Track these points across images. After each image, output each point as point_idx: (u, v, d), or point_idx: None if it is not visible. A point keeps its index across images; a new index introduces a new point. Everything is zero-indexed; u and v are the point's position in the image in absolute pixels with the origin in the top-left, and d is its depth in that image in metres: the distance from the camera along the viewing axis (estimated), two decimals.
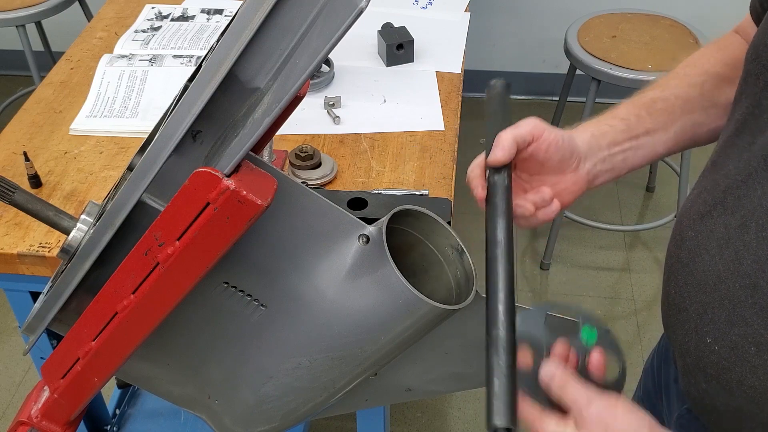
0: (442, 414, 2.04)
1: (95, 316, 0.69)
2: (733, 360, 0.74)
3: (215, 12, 1.77)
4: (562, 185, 0.83)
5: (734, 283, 0.72)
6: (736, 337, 0.73)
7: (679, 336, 0.82)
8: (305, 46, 0.59)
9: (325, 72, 1.54)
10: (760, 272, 0.69)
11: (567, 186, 0.83)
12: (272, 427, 0.84)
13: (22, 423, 0.79)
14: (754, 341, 0.71)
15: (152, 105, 1.46)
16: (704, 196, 0.78)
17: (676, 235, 0.82)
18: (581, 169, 0.83)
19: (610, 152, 0.85)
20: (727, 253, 0.73)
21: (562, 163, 0.81)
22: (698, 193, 0.80)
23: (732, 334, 0.73)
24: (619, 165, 0.86)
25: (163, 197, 0.64)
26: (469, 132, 2.82)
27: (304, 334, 0.74)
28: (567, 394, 0.65)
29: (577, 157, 0.82)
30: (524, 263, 2.52)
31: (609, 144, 0.85)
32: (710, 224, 0.76)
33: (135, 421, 1.73)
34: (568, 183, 0.83)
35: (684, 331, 0.81)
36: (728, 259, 0.73)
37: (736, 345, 0.73)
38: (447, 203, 1.15)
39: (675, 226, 0.84)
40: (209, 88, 0.60)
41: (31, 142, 1.39)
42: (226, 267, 0.68)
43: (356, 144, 1.39)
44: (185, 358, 0.80)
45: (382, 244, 0.69)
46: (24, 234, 1.19)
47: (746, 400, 0.75)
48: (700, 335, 0.77)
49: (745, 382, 0.74)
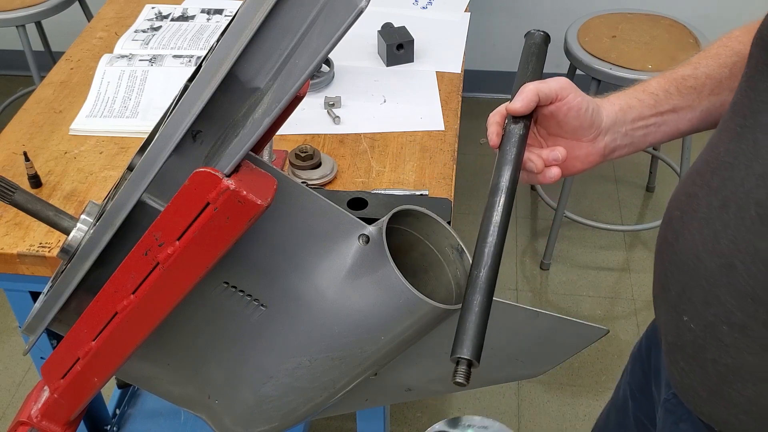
0: (442, 414, 2.04)
1: (95, 316, 0.69)
2: (708, 339, 0.75)
3: (215, 12, 1.77)
4: (575, 153, 0.82)
5: (711, 263, 0.72)
6: (711, 317, 0.74)
7: (662, 315, 0.83)
8: (305, 46, 0.59)
9: (325, 72, 1.54)
10: (736, 252, 0.70)
11: (579, 155, 0.83)
12: (272, 427, 0.84)
13: (22, 423, 0.79)
14: (726, 321, 0.72)
15: (152, 105, 1.46)
16: (693, 177, 0.79)
17: (666, 215, 0.83)
18: (599, 142, 0.83)
19: (633, 126, 0.84)
20: (706, 232, 0.73)
21: (579, 131, 0.81)
22: (689, 174, 0.81)
23: (707, 314, 0.74)
24: (639, 140, 0.85)
25: (163, 197, 0.64)
26: (469, 132, 2.83)
27: (304, 334, 0.74)
28: None
29: (596, 130, 0.82)
30: (524, 263, 2.52)
31: (634, 119, 0.84)
32: (695, 204, 0.76)
33: (135, 421, 1.73)
34: (582, 152, 0.82)
35: (665, 310, 0.82)
36: (707, 239, 0.73)
37: (711, 324, 0.74)
38: (447, 203, 1.15)
39: (666, 207, 0.84)
40: (209, 88, 0.60)
41: (31, 142, 1.39)
42: (226, 267, 0.68)
43: (356, 144, 1.39)
44: (185, 358, 0.80)
45: (382, 244, 0.69)
46: (24, 234, 1.19)
47: (720, 379, 0.76)
48: (678, 314, 0.78)
49: (719, 360, 0.75)
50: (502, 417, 2.02)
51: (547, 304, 2.39)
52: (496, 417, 2.01)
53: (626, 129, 0.84)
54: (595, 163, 0.84)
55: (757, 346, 0.72)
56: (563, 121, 0.80)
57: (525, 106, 0.77)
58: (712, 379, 0.77)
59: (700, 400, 0.82)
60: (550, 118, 0.81)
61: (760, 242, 0.68)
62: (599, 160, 0.84)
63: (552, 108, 0.79)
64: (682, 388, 0.84)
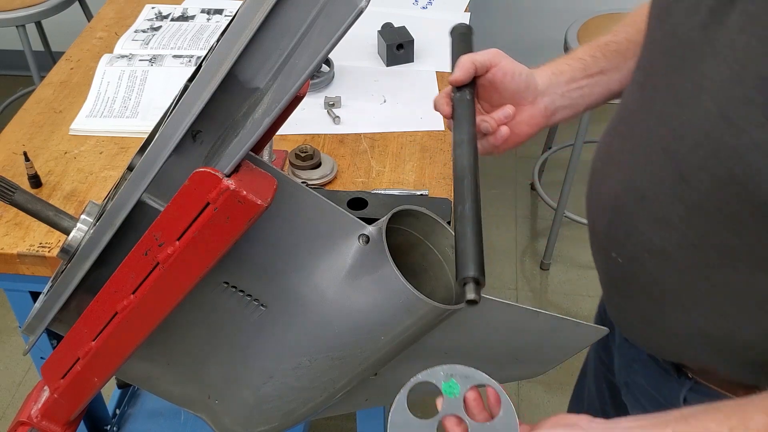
0: None
1: (95, 316, 0.69)
2: (634, 269, 0.82)
3: (215, 12, 1.77)
4: (520, 117, 0.89)
5: (628, 198, 0.80)
6: (633, 247, 0.80)
7: (598, 260, 0.90)
8: (305, 46, 0.59)
9: (325, 72, 1.54)
10: (648, 185, 0.77)
11: (524, 118, 0.89)
12: (272, 427, 0.84)
13: (22, 423, 0.79)
14: (647, 248, 0.79)
15: (152, 105, 1.46)
16: (609, 130, 0.87)
17: (591, 169, 0.90)
18: (539, 104, 0.89)
19: (568, 88, 0.92)
20: (623, 173, 0.81)
21: (518, 94, 0.88)
22: (606, 130, 0.89)
23: (630, 245, 0.81)
24: (577, 101, 0.93)
25: (163, 197, 0.65)
26: None
27: (304, 334, 0.74)
28: None
29: (534, 91, 0.89)
30: (524, 263, 2.52)
31: (567, 81, 0.92)
32: (612, 152, 0.85)
33: (135, 421, 1.73)
34: (526, 115, 0.89)
35: (597, 251, 0.89)
36: (624, 179, 0.81)
37: (634, 255, 0.81)
38: (447, 203, 1.15)
39: (591, 162, 0.91)
40: (209, 88, 0.60)
41: (31, 142, 1.39)
42: (226, 267, 0.68)
43: (356, 144, 1.39)
44: (185, 358, 0.80)
45: (382, 244, 0.69)
46: (24, 234, 1.19)
47: (651, 307, 0.82)
48: (607, 251, 0.85)
49: (646, 289, 0.82)
50: None
51: (547, 304, 2.39)
52: None
53: (562, 91, 0.91)
54: (540, 125, 0.90)
55: (676, 269, 0.77)
56: (501, 87, 0.87)
57: (464, 73, 0.84)
58: (644, 308, 0.83)
59: (638, 331, 0.88)
60: (489, 87, 0.87)
61: (666, 173, 0.74)
62: (543, 121, 0.90)
63: (489, 76, 0.86)
64: (622, 324, 0.91)
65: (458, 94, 0.84)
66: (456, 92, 0.85)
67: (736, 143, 0.66)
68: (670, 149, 0.74)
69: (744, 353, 0.79)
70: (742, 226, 0.70)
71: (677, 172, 0.73)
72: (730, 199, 0.69)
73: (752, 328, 0.76)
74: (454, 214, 0.72)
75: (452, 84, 0.85)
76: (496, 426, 0.67)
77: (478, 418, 0.68)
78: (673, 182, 0.74)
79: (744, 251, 0.72)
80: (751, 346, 0.78)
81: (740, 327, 0.77)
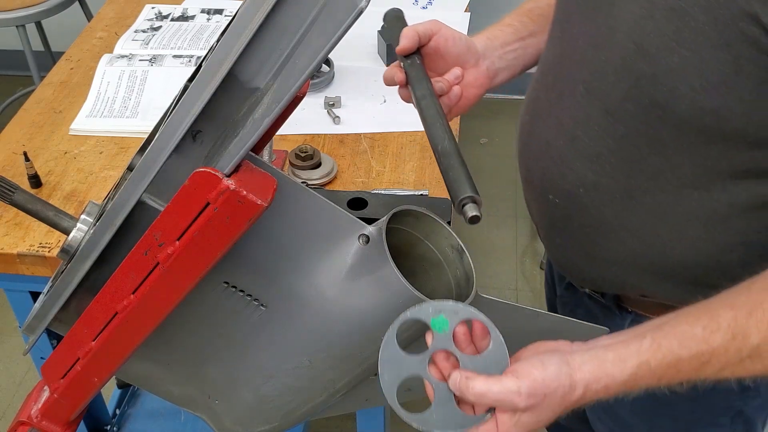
0: None
1: (95, 316, 0.69)
2: (571, 206, 0.88)
3: (215, 12, 1.77)
4: (466, 80, 0.95)
5: (559, 142, 0.86)
6: (569, 185, 0.87)
7: (535, 210, 0.96)
8: (305, 46, 0.59)
9: (325, 72, 1.54)
10: (576, 125, 0.84)
11: (470, 80, 0.95)
12: (272, 427, 0.84)
13: (23, 423, 0.79)
14: (581, 184, 0.85)
15: (152, 105, 1.46)
16: (533, 85, 0.95)
17: (518, 125, 0.97)
18: (481, 66, 0.96)
19: (503, 51, 0.99)
20: (551, 120, 0.88)
21: (461, 58, 0.94)
22: (530, 86, 0.96)
23: (565, 184, 0.87)
24: (513, 63, 1.00)
25: (163, 197, 0.65)
26: (469, 132, 2.83)
27: (304, 334, 0.74)
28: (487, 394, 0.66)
29: (475, 54, 0.96)
30: (524, 263, 2.52)
31: (502, 44, 0.99)
32: (538, 104, 0.92)
33: (135, 421, 1.73)
34: (471, 78, 0.95)
35: (535, 199, 0.95)
36: (553, 125, 0.88)
37: (570, 192, 0.87)
38: (447, 203, 1.15)
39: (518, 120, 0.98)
40: (209, 88, 0.60)
41: (31, 142, 1.39)
42: (226, 267, 0.68)
43: (356, 144, 1.39)
44: (185, 358, 0.80)
45: (382, 244, 0.69)
46: (24, 234, 1.19)
47: (589, 240, 0.88)
48: (544, 196, 0.91)
49: (584, 222, 0.87)
50: None
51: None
52: None
53: (498, 53, 0.99)
54: (485, 86, 0.97)
55: (609, 199, 0.84)
56: (445, 52, 0.93)
57: (410, 40, 0.90)
58: (583, 242, 0.89)
59: (581, 267, 0.93)
60: (434, 55, 0.93)
61: (591, 109, 0.82)
62: (488, 82, 0.97)
63: (432, 43, 0.92)
64: (564, 264, 0.96)
65: (409, 61, 0.91)
66: (406, 61, 0.91)
67: (655, 71, 0.73)
68: (593, 89, 0.81)
69: (679, 271, 0.85)
70: (666, 148, 0.78)
71: (603, 108, 0.80)
72: (653, 124, 0.77)
73: (683, 244, 0.83)
74: (435, 152, 0.77)
75: (401, 53, 0.91)
76: (486, 358, 0.68)
77: (467, 351, 0.69)
78: (600, 118, 0.81)
79: (670, 172, 0.79)
80: (684, 263, 0.84)
81: (672, 245, 0.83)
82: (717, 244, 0.82)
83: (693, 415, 0.96)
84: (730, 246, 0.82)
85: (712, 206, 0.80)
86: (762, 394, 0.95)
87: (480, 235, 2.43)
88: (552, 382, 0.66)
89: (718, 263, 0.83)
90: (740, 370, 0.70)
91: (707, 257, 0.83)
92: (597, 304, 0.98)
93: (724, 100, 0.71)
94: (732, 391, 0.89)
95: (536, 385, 0.65)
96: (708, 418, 0.97)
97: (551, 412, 0.67)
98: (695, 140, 0.76)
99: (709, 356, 0.68)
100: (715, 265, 0.83)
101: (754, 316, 0.68)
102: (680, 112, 0.74)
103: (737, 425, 0.97)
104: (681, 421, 0.98)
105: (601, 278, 0.92)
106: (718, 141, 0.75)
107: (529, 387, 0.65)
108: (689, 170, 0.78)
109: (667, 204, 0.81)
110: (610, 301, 0.95)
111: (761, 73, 0.69)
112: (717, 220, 0.80)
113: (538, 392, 0.65)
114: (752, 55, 0.68)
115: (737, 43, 0.68)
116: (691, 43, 0.70)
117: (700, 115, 0.73)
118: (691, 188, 0.79)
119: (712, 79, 0.70)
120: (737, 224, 0.80)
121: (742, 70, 0.69)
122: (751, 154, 0.75)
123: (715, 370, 0.69)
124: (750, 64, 0.69)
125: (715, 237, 0.81)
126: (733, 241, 0.82)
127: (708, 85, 0.71)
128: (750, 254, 0.82)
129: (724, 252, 0.82)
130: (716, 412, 0.96)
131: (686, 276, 0.85)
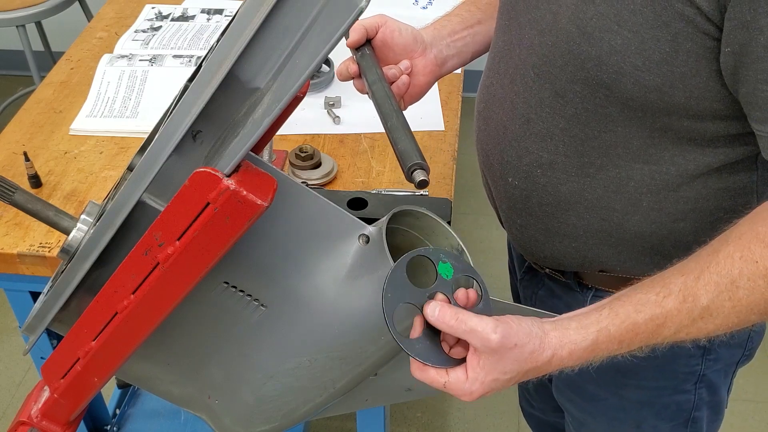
0: (442, 414, 2.04)
1: (95, 316, 0.69)
2: (530, 186, 0.91)
3: (215, 12, 1.77)
4: (415, 69, 0.99)
5: (514, 125, 0.90)
6: (526, 166, 0.90)
7: (496, 191, 0.98)
8: (305, 46, 0.59)
9: (325, 72, 1.54)
10: (529, 108, 0.87)
11: (418, 69, 1.00)
12: (272, 427, 0.84)
13: (23, 423, 0.79)
14: (538, 164, 0.89)
15: (152, 105, 1.46)
16: (486, 73, 0.98)
17: (475, 113, 1.00)
18: (429, 54, 1.01)
19: (452, 39, 1.03)
20: (506, 105, 0.91)
21: (408, 47, 0.99)
22: (484, 75, 0.99)
23: (523, 165, 0.90)
24: (462, 50, 1.04)
25: (163, 197, 0.65)
26: (469, 132, 2.82)
27: (304, 334, 0.74)
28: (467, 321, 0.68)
29: (422, 43, 1.00)
30: None
31: (449, 33, 1.04)
32: (492, 91, 0.95)
33: (135, 421, 1.73)
34: (419, 66, 1.00)
35: (494, 182, 0.98)
36: (507, 110, 0.91)
37: (528, 173, 0.90)
38: (447, 203, 1.15)
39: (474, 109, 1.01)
40: (209, 88, 0.60)
41: (31, 142, 1.39)
42: (226, 267, 0.68)
43: (356, 144, 1.39)
44: (185, 358, 0.80)
45: (382, 244, 0.69)
46: (24, 234, 1.19)
47: (549, 218, 0.91)
48: (504, 179, 0.94)
49: (543, 201, 0.91)
50: (503, 417, 2.02)
51: None
52: (497, 416, 2.01)
53: (447, 42, 1.03)
54: (434, 73, 1.01)
55: (565, 177, 0.87)
56: (392, 43, 0.97)
57: (357, 33, 0.95)
58: (543, 220, 0.93)
59: (540, 246, 0.96)
60: (383, 47, 0.97)
61: (541, 93, 0.85)
62: (437, 69, 1.01)
63: (379, 36, 0.97)
64: (526, 245, 0.99)
65: (359, 53, 0.96)
66: (357, 54, 0.96)
67: (599, 52, 0.77)
68: (543, 73, 0.85)
69: (635, 242, 0.89)
70: (615, 125, 0.82)
71: (553, 90, 0.84)
72: (601, 103, 0.81)
73: (637, 215, 0.87)
74: (386, 128, 0.81)
75: (350, 46, 0.97)
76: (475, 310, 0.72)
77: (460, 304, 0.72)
78: (551, 100, 0.85)
79: (620, 147, 0.83)
80: (639, 233, 0.88)
81: (627, 217, 0.87)
82: (669, 213, 0.86)
83: (658, 382, 1.00)
84: (681, 214, 0.86)
85: (662, 177, 0.84)
86: (723, 358, 0.99)
87: (479, 235, 2.43)
88: (525, 336, 0.70)
89: (670, 232, 0.88)
90: (694, 330, 0.73)
91: (660, 226, 0.87)
92: (557, 283, 1.02)
93: (665, 77, 0.75)
94: (693, 356, 0.96)
95: (511, 332, 0.69)
96: (673, 384, 1.00)
97: (517, 365, 0.70)
98: (642, 116, 0.80)
99: (663, 319, 0.72)
100: (668, 234, 0.88)
101: (702, 279, 0.72)
102: (625, 91, 0.78)
103: (701, 390, 1.00)
104: (646, 390, 1.01)
105: (561, 255, 0.95)
106: (663, 115, 0.79)
107: (504, 330, 0.69)
108: (638, 144, 0.82)
109: (620, 178, 0.85)
110: (570, 278, 0.99)
111: (699, 49, 0.73)
112: (668, 190, 0.85)
113: (510, 338, 0.69)
114: (689, 32, 0.72)
115: (674, 22, 0.72)
116: (632, 25, 0.74)
117: (644, 92, 0.77)
118: (642, 162, 0.83)
119: (654, 57, 0.74)
120: (687, 193, 0.85)
121: (681, 47, 0.73)
122: (694, 125, 0.79)
123: (670, 332, 0.73)
124: (688, 41, 0.72)
125: (666, 206, 0.86)
126: (684, 209, 0.86)
127: (650, 63, 0.75)
128: (701, 221, 0.86)
129: (677, 220, 0.87)
130: (680, 378, 0.99)
131: (642, 246, 0.90)
